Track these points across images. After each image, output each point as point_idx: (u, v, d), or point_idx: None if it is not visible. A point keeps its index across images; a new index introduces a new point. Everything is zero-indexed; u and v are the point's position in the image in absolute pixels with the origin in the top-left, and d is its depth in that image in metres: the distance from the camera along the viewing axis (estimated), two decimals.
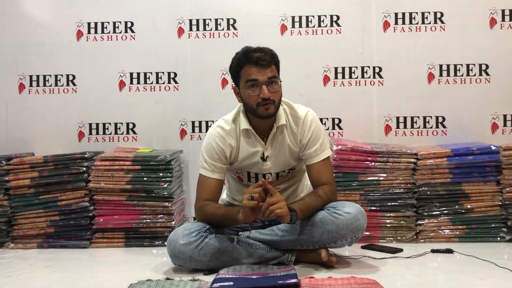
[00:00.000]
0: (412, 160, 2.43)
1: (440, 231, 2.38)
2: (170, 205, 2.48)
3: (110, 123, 2.85)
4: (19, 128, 2.87)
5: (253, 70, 1.85)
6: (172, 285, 1.56)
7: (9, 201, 2.54)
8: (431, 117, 2.74)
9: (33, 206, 2.51)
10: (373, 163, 2.44)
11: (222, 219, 1.88)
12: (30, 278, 1.93)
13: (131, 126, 2.85)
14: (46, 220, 2.50)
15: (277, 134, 1.97)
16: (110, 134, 2.86)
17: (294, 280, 1.54)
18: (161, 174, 2.50)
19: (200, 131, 2.83)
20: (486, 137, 2.68)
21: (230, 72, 1.97)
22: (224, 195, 2.23)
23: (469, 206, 2.39)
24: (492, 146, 2.41)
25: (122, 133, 2.86)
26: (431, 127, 2.75)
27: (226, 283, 1.54)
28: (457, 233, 2.37)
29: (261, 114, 1.88)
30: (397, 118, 2.76)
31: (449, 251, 2.12)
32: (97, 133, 2.86)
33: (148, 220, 2.47)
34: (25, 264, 2.19)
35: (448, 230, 2.38)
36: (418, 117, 2.75)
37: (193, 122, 2.84)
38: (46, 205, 2.50)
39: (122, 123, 2.85)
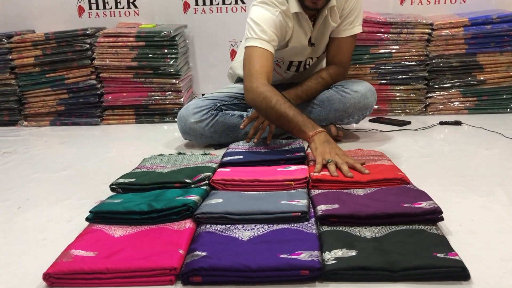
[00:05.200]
0: (427, 30, 2.32)
1: (450, 103, 2.36)
2: (177, 82, 2.46)
3: None
4: (15, 3, 2.74)
5: None
6: (184, 159, 1.61)
7: (16, 80, 2.53)
8: None
9: (41, 85, 2.51)
10: (385, 35, 2.34)
11: (284, 119, 1.54)
12: (46, 154, 2.00)
13: None
14: (56, 98, 2.52)
15: (325, 16, 1.78)
16: (111, 8, 2.73)
17: (302, 153, 1.57)
18: (166, 50, 2.44)
19: (204, 3, 2.68)
20: (509, 4, 2.50)
21: None
22: (238, 70, 2.07)
23: (482, 78, 2.34)
24: None
25: (123, 8, 2.73)
26: None
27: (236, 157, 1.58)
28: (467, 105, 2.35)
29: (307, 6, 1.68)
30: None
31: (458, 123, 2.13)
32: (97, 7, 2.73)
33: (157, 97, 2.47)
34: (41, 141, 2.25)
35: (458, 102, 2.36)
36: None
37: None
38: (53, 83, 2.50)
39: None
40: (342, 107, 1.83)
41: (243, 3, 2.63)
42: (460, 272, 0.88)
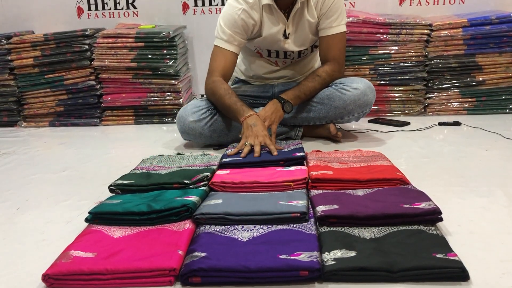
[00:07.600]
0: (426, 31, 2.33)
1: (449, 104, 2.36)
2: (177, 82, 2.46)
3: None
4: (15, 4, 2.74)
5: None
6: (183, 159, 1.61)
7: (15, 81, 2.53)
8: None
9: (40, 86, 2.51)
10: (385, 36, 2.34)
11: (226, 108, 1.77)
12: (46, 155, 2.00)
13: (130, 0, 2.71)
14: (55, 99, 2.52)
15: (299, 9, 1.82)
16: (110, 9, 2.73)
17: (301, 154, 1.56)
18: (165, 51, 2.44)
19: (203, 4, 2.68)
20: (508, 4, 2.51)
21: None
22: (235, 72, 2.14)
23: (481, 78, 2.34)
24: None
25: (122, 8, 2.73)
26: None
27: (235, 157, 1.58)
28: (466, 105, 2.36)
29: None
30: None
31: (457, 123, 2.13)
32: (96, 8, 2.73)
33: (156, 98, 2.47)
34: (40, 141, 2.25)
35: (457, 103, 2.36)
36: None
37: None
38: (52, 84, 2.50)
39: None
40: (342, 104, 1.83)
41: None
42: (460, 273, 0.88)
